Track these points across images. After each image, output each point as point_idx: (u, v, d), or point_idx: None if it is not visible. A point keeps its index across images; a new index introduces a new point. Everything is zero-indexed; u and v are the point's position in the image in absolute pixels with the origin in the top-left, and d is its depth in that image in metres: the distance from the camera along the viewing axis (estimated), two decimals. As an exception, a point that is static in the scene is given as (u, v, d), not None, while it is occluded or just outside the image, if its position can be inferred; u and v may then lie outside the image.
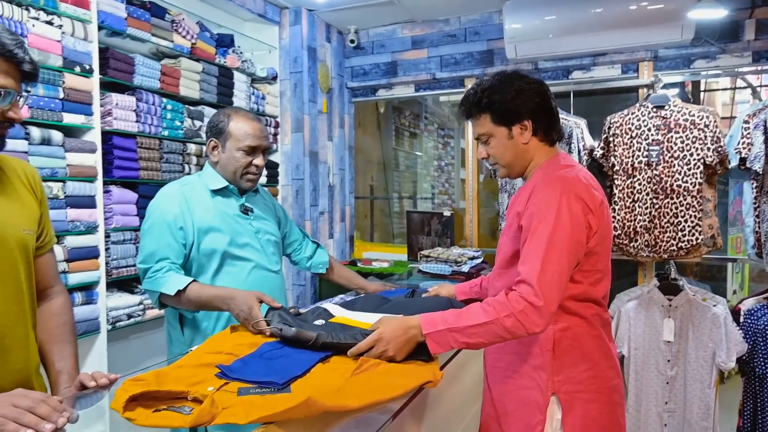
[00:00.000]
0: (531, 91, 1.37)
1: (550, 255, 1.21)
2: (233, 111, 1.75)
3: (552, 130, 1.42)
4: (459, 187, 6.52)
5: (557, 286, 1.21)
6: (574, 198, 1.26)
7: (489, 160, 1.46)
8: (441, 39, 3.59)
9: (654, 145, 2.73)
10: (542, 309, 1.17)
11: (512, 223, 1.37)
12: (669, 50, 3.03)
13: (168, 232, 1.61)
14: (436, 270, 2.57)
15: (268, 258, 1.81)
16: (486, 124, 1.39)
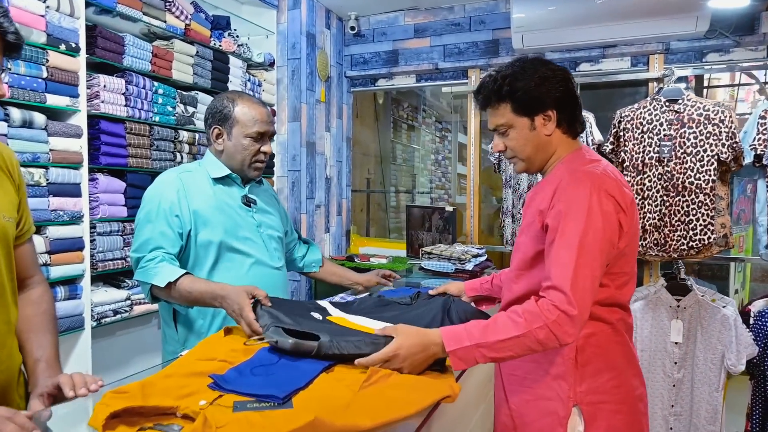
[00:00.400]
0: (555, 79, 1.26)
1: (583, 258, 1.11)
2: (237, 95, 1.65)
3: (576, 121, 1.31)
4: (456, 182, 6.42)
5: (590, 292, 1.11)
6: (604, 195, 1.16)
7: (506, 153, 1.35)
8: (444, 27, 3.47)
9: (666, 140, 2.63)
10: (576, 318, 1.08)
11: (533, 221, 1.26)
12: (682, 42, 2.93)
13: (163, 220, 1.52)
14: (438, 267, 2.46)
15: (270, 254, 1.71)
16: (506, 114, 1.28)
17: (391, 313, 1.57)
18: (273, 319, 1.23)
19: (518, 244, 1.35)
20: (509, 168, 3.02)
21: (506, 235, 3.06)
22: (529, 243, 1.27)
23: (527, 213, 1.33)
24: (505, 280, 1.43)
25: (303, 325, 1.22)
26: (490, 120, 1.33)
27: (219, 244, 1.60)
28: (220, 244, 1.60)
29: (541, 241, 1.22)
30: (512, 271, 1.36)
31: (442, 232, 3.03)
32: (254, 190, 1.76)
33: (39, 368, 1.10)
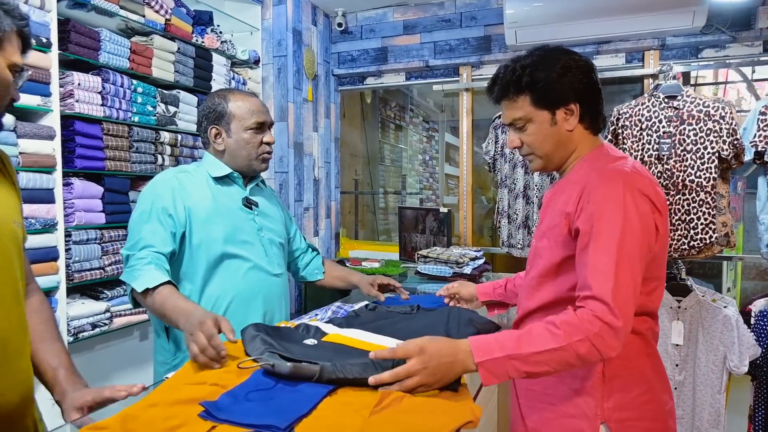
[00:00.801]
0: (579, 70, 1.17)
1: (623, 264, 1.02)
2: (227, 92, 1.60)
3: (599, 115, 1.22)
4: (443, 182, 6.34)
5: (632, 300, 1.02)
6: (638, 195, 1.07)
7: (522, 149, 1.25)
8: (435, 24, 3.38)
9: (665, 137, 2.57)
10: (620, 330, 0.98)
11: (557, 224, 1.17)
12: (677, 38, 2.88)
13: (156, 219, 1.44)
14: (435, 272, 2.36)
15: (269, 259, 1.62)
16: (524, 107, 1.19)
17: (392, 325, 1.46)
18: (266, 345, 1.12)
19: (538, 249, 1.25)
20: (505, 167, 2.94)
21: (502, 236, 2.98)
22: (554, 248, 1.18)
23: (548, 214, 1.24)
24: (523, 287, 1.33)
25: (297, 353, 1.11)
26: (505, 114, 1.24)
27: (215, 247, 1.51)
28: (217, 247, 1.52)
29: (569, 246, 1.13)
30: (533, 278, 1.25)
31: (436, 235, 2.94)
32: (256, 192, 1.68)
33: (60, 376, 1.07)
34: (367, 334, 1.37)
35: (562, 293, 1.15)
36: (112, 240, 2.16)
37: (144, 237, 1.42)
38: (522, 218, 2.89)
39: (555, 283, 1.18)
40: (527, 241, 2.88)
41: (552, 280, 1.19)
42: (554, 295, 1.18)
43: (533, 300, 1.24)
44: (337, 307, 1.71)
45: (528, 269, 1.33)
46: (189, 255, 1.51)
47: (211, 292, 1.54)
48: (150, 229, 1.43)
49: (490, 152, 2.98)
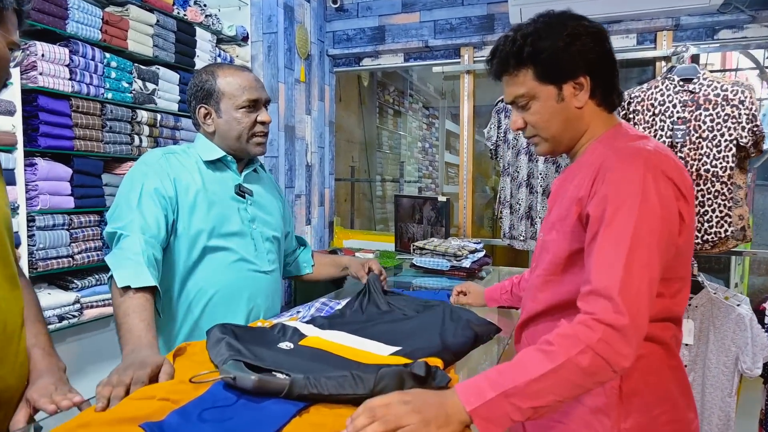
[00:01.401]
0: (589, 37, 1.02)
1: (637, 253, 0.86)
2: (215, 67, 1.45)
3: (614, 90, 1.07)
4: (443, 170, 6.17)
5: (647, 296, 0.86)
6: (661, 177, 0.92)
7: (526, 131, 1.10)
8: (435, 1, 3.19)
9: (679, 123, 2.40)
10: (628, 330, 0.81)
11: (567, 213, 1.02)
12: (693, 18, 2.70)
13: (149, 198, 1.31)
14: (432, 265, 2.21)
15: (258, 253, 1.48)
16: (527, 82, 1.05)
17: (382, 326, 1.30)
18: (231, 350, 0.97)
19: (545, 242, 1.10)
20: (507, 154, 2.77)
21: (504, 227, 2.82)
22: (562, 241, 1.03)
23: (557, 203, 1.09)
24: (527, 287, 1.17)
25: (268, 360, 0.95)
26: (506, 91, 1.09)
27: (199, 237, 1.38)
28: (201, 237, 1.38)
29: (578, 237, 0.98)
30: (538, 277, 1.10)
31: (434, 225, 2.78)
32: (252, 178, 1.53)
33: (36, 355, 1.04)
34: (352, 337, 1.22)
35: (571, 294, 0.99)
36: (83, 226, 1.99)
37: (139, 217, 1.27)
38: (525, 209, 2.73)
39: (562, 282, 1.04)
40: (530, 232, 2.72)
41: (559, 278, 1.04)
42: (561, 296, 1.03)
43: (538, 302, 1.09)
44: (322, 303, 1.55)
45: (533, 266, 1.17)
46: (170, 244, 1.36)
47: (191, 287, 1.40)
48: (146, 209, 1.29)
49: (492, 138, 2.81)
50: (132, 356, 1.01)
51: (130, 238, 1.25)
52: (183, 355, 1.10)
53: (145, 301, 1.18)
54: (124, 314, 1.15)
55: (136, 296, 1.17)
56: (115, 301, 1.18)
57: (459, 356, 1.16)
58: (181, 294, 1.40)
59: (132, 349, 1.05)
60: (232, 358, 0.97)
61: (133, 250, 1.22)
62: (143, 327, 1.11)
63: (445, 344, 1.19)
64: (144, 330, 1.11)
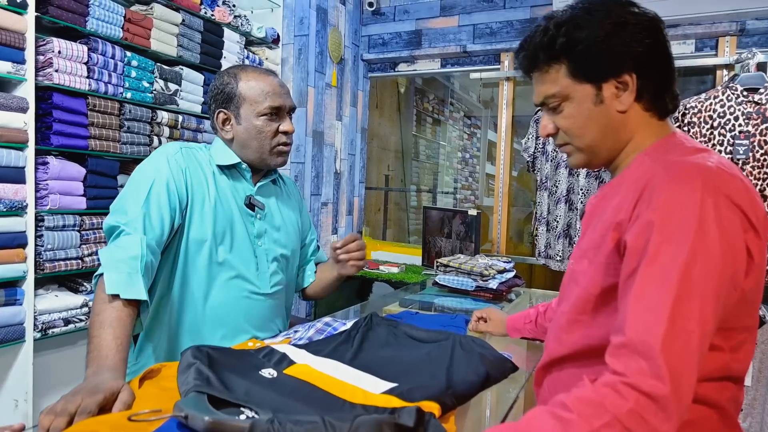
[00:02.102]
0: (639, 26, 0.84)
1: (686, 300, 0.68)
2: (239, 69, 1.35)
3: (666, 92, 0.88)
4: (484, 182, 5.97)
5: (696, 357, 0.67)
6: (725, 203, 0.72)
7: (558, 138, 0.93)
8: (475, 5, 3.03)
9: (742, 138, 2.15)
10: (668, 402, 0.63)
11: (602, 240, 0.84)
12: (760, 22, 2.43)
13: (157, 196, 1.22)
14: (456, 284, 2.04)
15: (260, 273, 1.37)
16: (559, 80, 0.88)
17: (383, 357, 1.16)
18: (199, 379, 0.84)
19: (575, 272, 0.92)
20: (546, 167, 2.58)
21: (539, 245, 2.62)
22: (595, 273, 0.84)
23: (590, 227, 0.91)
24: (551, 325, 0.98)
25: (239, 393, 0.83)
26: (536, 90, 0.92)
27: (199, 245, 1.28)
28: (199, 247, 1.28)
29: (615, 271, 0.80)
30: (563, 314, 0.91)
31: (463, 240, 2.60)
32: (268, 190, 1.43)
33: None
34: (345, 368, 1.08)
35: (602, 340, 0.80)
36: (94, 228, 1.94)
37: (144, 215, 1.19)
38: (563, 226, 2.52)
39: (593, 324, 0.85)
40: (567, 252, 2.51)
41: (589, 318, 0.85)
42: (591, 340, 0.85)
43: (562, 344, 0.90)
44: (325, 324, 1.41)
45: (560, 300, 0.99)
46: (168, 245, 1.27)
47: (181, 295, 1.30)
48: (153, 207, 1.21)
49: (530, 149, 2.63)
50: (89, 379, 0.91)
51: (131, 237, 1.15)
52: (153, 378, 0.99)
53: (127, 315, 1.07)
54: (99, 325, 1.04)
55: (121, 307, 1.07)
56: (96, 305, 1.08)
57: (464, 400, 1.00)
58: (165, 306, 1.30)
59: (93, 370, 0.94)
60: (195, 389, 0.85)
61: (131, 253, 1.12)
62: (114, 346, 1.01)
63: (450, 384, 1.03)
64: (113, 349, 1.00)
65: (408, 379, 1.04)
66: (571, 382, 0.87)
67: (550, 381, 0.97)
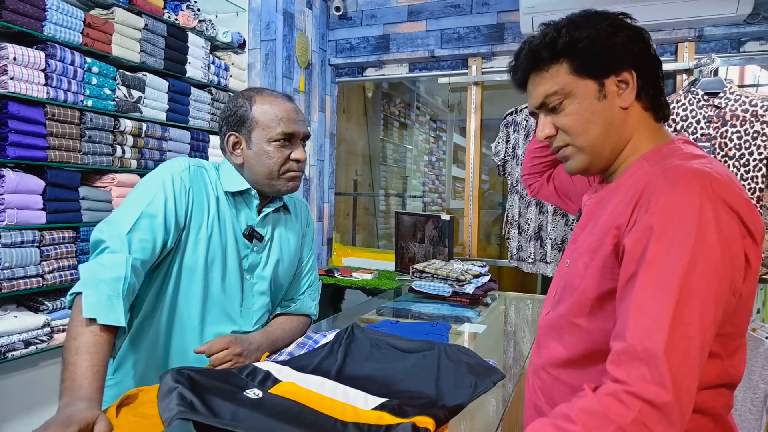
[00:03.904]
0: (632, 30, 0.88)
1: (688, 307, 0.68)
2: (254, 92, 1.29)
3: (661, 95, 0.90)
4: (450, 185, 6.01)
5: (697, 363, 0.67)
6: (723, 208, 0.72)
7: (557, 139, 0.92)
8: (443, 10, 3.05)
9: (704, 140, 2.22)
10: (671, 409, 0.63)
11: (600, 243, 0.83)
12: (717, 29, 2.53)
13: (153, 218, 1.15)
14: (432, 290, 2.04)
15: (244, 311, 1.31)
16: (560, 77, 0.88)
17: (369, 370, 1.14)
18: (182, 405, 0.80)
19: (570, 275, 0.91)
20: (516, 171, 2.60)
21: (511, 248, 2.64)
22: (591, 277, 0.84)
23: (587, 229, 0.91)
24: (544, 326, 0.97)
25: (226, 417, 0.79)
26: (534, 92, 0.92)
27: (186, 272, 1.22)
28: (188, 272, 1.22)
29: (612, 275, 0.80)
30: (561, 316, 0.90)
31: (436, 245, 2.60)
32: (271, 219, 1.35)
33: None
34: (332, 384, 1.05)
35: (598, 344, 0.81)
36: (55, 243, 1.85)
37: (134, 234, 1.12)
38: (534, 229, 2.55)
39: (589, 330, 0.84)
40: (539, 254, 2.55)
41: (586, 321, 0.85)
42: (587, 344, 0.85)
43: (558, 348, 0.90)
44: (306, 337, 1.39)
45: (556, 302, 0.97)
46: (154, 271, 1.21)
47: (165, 324, 1.23)
48: (146, 227, 1.14)
49: (500, 153, 2.65)
50: (62, 410, 0.85)
51: (116, 256, 1.08)
52: (131, 405, 0.94)
53: (105, 340, 1.00)
54: (75, 351, 0.97)
55: (98, 332, 0.99)
56: (72, 329, 1.00)
57: (455, 412, 0.99)
58: (154, 321, 1.24)
59: (67, 401, 0.88)
60: (180, 416, 0.81)
61: (114, 274, 1.05)
62: (89, 374, 0.94)
63: (441, 396, 1.02)
64: (89, 378, 0.93)
65: (397, 393, 1.03)
66: (567, 388, 0.87)
67: (544, 385, 0.96)
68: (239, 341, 1.20)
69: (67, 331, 1.01)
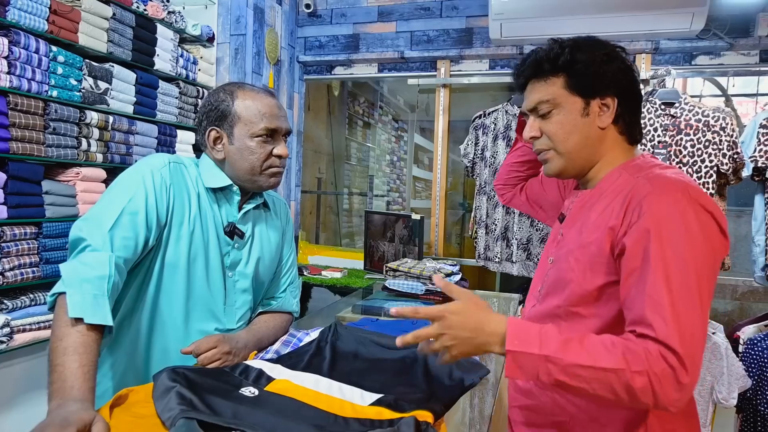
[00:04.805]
0: (624, 64, 1.04)
1: (690, 300, 0.83)
2: (236, 86, 1.28)
3: (636, 124, 1.06)
4: (411, 185, 6.08)
5: (702, 348, 0.83)
6: (701, 210, 0.88)
7: (540, 142, 1.06)
8: (413, 12, 3.08)
9: (660, 147, 2.35)
10: (686, 387, 0.80)
11: (593, 242, 0.96)
12: (672, 42, 2.68)
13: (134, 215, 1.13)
14: (405, 288, 2.07)
15: (227, 309, 1.30)
16: (554, 89, 1.02)
17: (359, 366, 1.15)
18: (183, 404, 0.80)
19: (559, 270, 1.04)
20: (484, 172, 2.67)
21: (479, 248, 2.71)
22: (586, 271, 0.97)
23: (573, 229, 1.04)
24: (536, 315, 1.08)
25: (227, 415, 0.79)
26: (530, 96, 1.06)
27: (168, 269, 1.20)
28: (170, 270, 1.21)
29: (607, 269, 0.94)
30: (551, 308, 1.03)
31: (406, 244, 2.64)
32: (252, 216, 1.34)
33: None
34: (326, 381, 1.06)
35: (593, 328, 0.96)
36: (16, 239, 1.76)
37: (117, 231, 1.10)
38: (501, 229, 2.63)
39: (587, 315, 0.98)
40: (506, 254, 2.62)
41: (585, 310, 0.98)
42: (584, 329, 0.97)
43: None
44: (290, 335, 1.38)
45: (540, 296, 1.09)
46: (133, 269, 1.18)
47: (147, 323, 1.21)
48: (127, 224, 1.12)
49: (469, 155, 2.71)
50: (55, 412, 0.82)
51: (99, 254, 1.05)
52: (123, 405, 0.92)
53: (92, 340, 0.97)
54: (62, 352, 0.93)
55: (85, 331, 0.96)
56: (57, 330, 0.97)
57: (449, 406, 1.02)
58: (134, 320, 1.21)
59: (59, 403, 0.85)
60: (183, 416, 0.80)
61: (98, 272, 1.03)
62: (80, 374, 0.91)
63: (433, 391, 1.05)
64: (80, 378, 0.90)
65: (391, 389, 1.05)
66: None
67: None
68: (227, 340, 1.19)
69: (51, 333, 0.97)
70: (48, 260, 1.85)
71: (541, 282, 1.11)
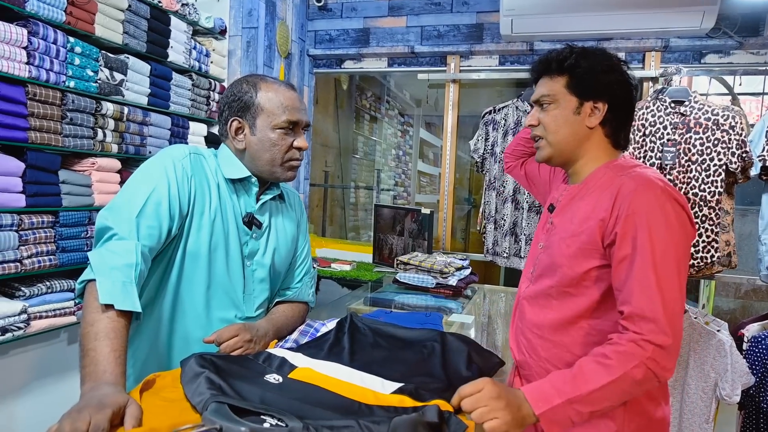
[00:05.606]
0: (623, 78, 1.18)
1: (669, 279, 1.00)
2: (259, 78, 1.30)
3: (623, 130, 1.21)
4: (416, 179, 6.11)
5: (681, 315, 1.00)
6: (675, 204, 1.05)
7: (536, 129, 1.22)
8: (423, 7, 3.09)
9: (669, 145, 2.37)
10: (671, 348, 0.97)
11: (582, 230, 1.12)
12: (682, 40, 2.69)
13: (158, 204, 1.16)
14: (416, 281, 2.09)
15: (246, 297, 1.32)
16: (556, 87, 1.18)
17: (379, 358, 1.17)
18: (213, 389, 0.82)
19: (550, 255, 1.19)
20: (494, 168, 2.69)
21: (487, 243, 2.73)
22: (577, 256, 1.12)
23: (565, 218, 1.19)
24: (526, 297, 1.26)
25: (255, 400, 0.82)
26: (538, 89, 1.22)
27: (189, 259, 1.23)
28: (191, 259, 1.23)
29: (596, 255, 1.10)
30: (544, 288, 1.20)
31: (416, 238, 2.66)
32: (269, 207, 1.37)
33: None
34: (348, 370, 1.08)
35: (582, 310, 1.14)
36: (34, 227, 1.78)
37: (142, 220, 1.12)
38: (510, 224, 2.65)
39: (576, 295, 1.14)
40: (513, 249, 2.65)
41: (575, 290, 1.14)
42: (572, 311, 1.15)
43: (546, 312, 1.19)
44: (307, 325, 1.41)
45: (533, 277, 1.25)
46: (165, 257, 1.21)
47: (169, 310, 1.24)
48: (151, 214, 1.14)
49: (479, 150, 2.73)
50: (90, 395, 0.85)
51: (126, 243, 1.08)
52: (151, 389, 0.94)
53: (122, 325, 1.00)
54: (94, 337, 0.97)
55: (115, 317, 1.00)
56: (88, 316, 1.00)
57: (467, 396, 1.04)
58: (156, 308, 1.24)
59: (92, 386, 0.88)
60: (214, 400, 0.82)
61: (126, 260, 1.06)
62: (112, 359, 0.94)
63: (451, 382, 1.07)
64: (112, 363, 0.93)
65: (410, 379, 1.07)
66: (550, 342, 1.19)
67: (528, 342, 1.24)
68: (248, 328, 1.22)
69: (83, 318, 1.00)
70: (64, 249, 1.87)
71: (532, 265, 1.26)
